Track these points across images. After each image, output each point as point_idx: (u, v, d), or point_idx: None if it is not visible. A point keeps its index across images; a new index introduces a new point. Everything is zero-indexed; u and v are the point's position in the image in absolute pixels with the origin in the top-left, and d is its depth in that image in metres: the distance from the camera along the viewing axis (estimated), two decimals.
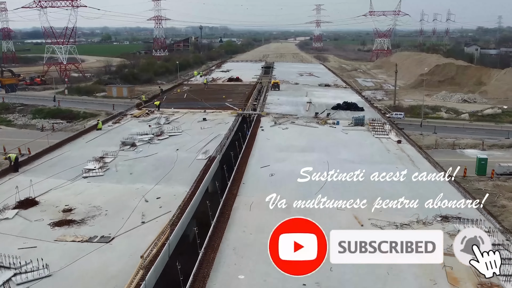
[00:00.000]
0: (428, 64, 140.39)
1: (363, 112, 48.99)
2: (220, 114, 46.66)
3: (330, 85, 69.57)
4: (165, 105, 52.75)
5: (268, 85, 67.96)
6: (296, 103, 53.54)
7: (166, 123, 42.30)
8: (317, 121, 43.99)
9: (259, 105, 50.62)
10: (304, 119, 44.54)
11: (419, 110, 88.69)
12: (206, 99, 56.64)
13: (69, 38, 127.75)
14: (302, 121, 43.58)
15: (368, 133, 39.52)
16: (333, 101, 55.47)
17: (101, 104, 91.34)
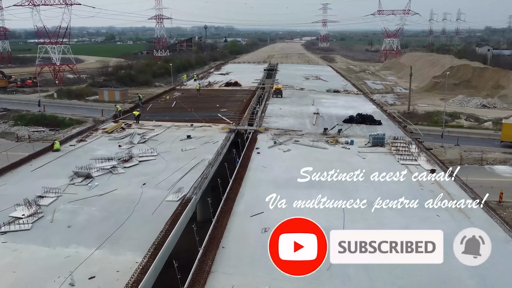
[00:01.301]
0: (441, 65, 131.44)
1: (381, 127, 40.55)
2: (210, 130, 38.33)
3: (340, 91, 61.03)
4: (148, 116, 44.55)
5: (269, 91, 59.61)
6: (301, 114, 45.13)
7: (141, 142, 34.07)
8: (327, 139, 35.56)
9: (257, 118, 42.23)
10: (311, 137, 36.14)
11: (437, 117, 80.00)
12: (197, 108, 48.39)
13: (62, 37, 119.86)
14: (308, 140, 35.17)
15: (391, 157, 31.04)
16: (344, 111, 47.03)
17: (90, 109, 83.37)
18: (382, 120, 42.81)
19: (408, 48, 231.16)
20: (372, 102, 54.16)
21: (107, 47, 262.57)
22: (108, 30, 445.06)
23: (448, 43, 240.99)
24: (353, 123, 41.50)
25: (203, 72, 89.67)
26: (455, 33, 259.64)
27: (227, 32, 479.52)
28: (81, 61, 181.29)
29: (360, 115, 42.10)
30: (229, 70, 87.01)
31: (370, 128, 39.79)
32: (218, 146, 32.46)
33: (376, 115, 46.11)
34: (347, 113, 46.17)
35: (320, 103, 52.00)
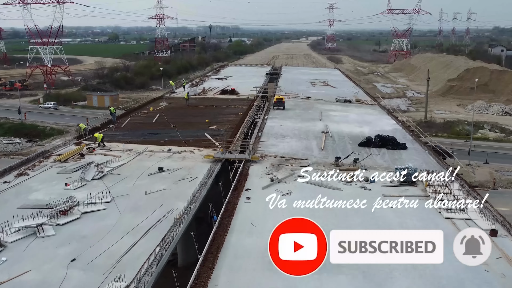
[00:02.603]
0: (456, 68, 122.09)
1: (407, 153, 31.91)
2: (190, 158, 29.83)
3: (351, 101, 52.28)
4: (120, 135, 36.18)
5: (270, 100, 51.04)
6: (306, 134, 36.50)
7: (96, 178, 25.66)
8: (339, 172, 26.98)
9: (252, 141, 33.62)
10: (319, 168, 27.55)
11: (458, 127, 71.04)
12: (182, 124, 39.98)
13: (55, 38, 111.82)
14: (316, 173, 26.61)
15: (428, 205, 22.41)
16: (358, 128, 38.40)
17: (76, 116, 75.12)
18: (406, 142, 34.11)
19: (416, 49, 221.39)
20: (390, 115, 45.40)
21: (110, 47, 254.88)
22: (113, 30, 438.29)
23: (459, 43, 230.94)
24: (371, 147, 32.88)
25: (201, 76, 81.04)
26: (465, 33, 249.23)
27: (233, 32, 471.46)
28: (80, 61, 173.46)
29: (380, 137, 33.38)
30: (228, 74, 78.36)
31: (393, 155, 31.17)
32: (196, 187, 23.99)
33: (398, 134, 37.42)
34: (362, 131, 37.55)
35: (329, 117, 43.34)
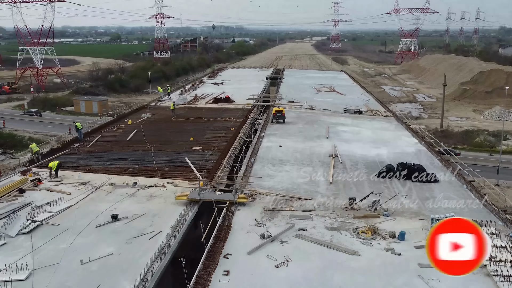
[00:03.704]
0: (469, 70, 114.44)
1: (440, 187, 24.69)
2: (160, 196, 22.71)
3: (362, 111, 45.06)
4: (83, 158, 29.21)
5: (269, 111, 43.93)
6: (310, 158, 29.33)
7: (23, 232, 18.63)
8: (355, 221, 19.90)
9: (241, 172, 26.49)
10: (327, 215, 20.45)
11: (478, 137, 63.62)
12: (161, 143, 32.96)
13: (46, 38, 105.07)
14: (323, 223, 19.52)
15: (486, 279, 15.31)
16: (374, 150, 31.23)
17: (59, 124, 68.38)
18: (436, 171, 26.90)
19: (423, 49, 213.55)
20: (410, 130, 38.09)
21: (111, 47, 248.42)
22: (117, 30, 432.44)
23: (467, 43, 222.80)
24: (392, 177, 25.70)
25: (194, 81, 73.85)
26: (473, 33, 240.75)
27: (237, 32, 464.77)
28: (77, 62, 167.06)
29: (404, 165, 26.10)
30: (225, 78, 71.17)
31: (422, 191, 23.95)
32: (155, 250, 16.91)
33: (422, 157, 30.25)
34: (379, 154, 30.36)
35: (337, 133, 36.12)
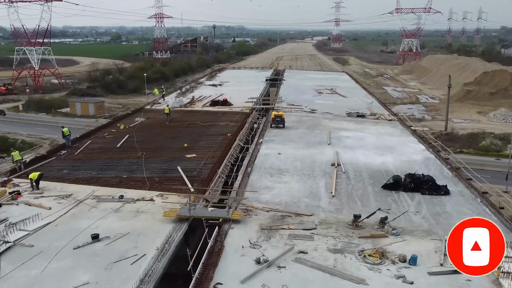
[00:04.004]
0: (472, 70, 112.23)
1: (451, 200, 22.72)
2: (147, 211, 20.74)
3: (365, 115, 43.07)
4: (69, 167, 27.31)
5: (268, 114, 42.00)
6: (311, 167, 27.36)
7: None
8: (358, 237, 17.99)
9: (237, 184, 24.53)
10: (330, 233, 18.53)
11: (484, 140, 61.50)
12: (153, 150, 31.05)
13: (43, 38, 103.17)
14: (325, 245, 17.57)
15: None
16: (379, 158, 29.25)
17: (55, 127, 66.33)
18: (446, 181, 24.98)
19: (425, 49, 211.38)
20: (416, 136, 36.07)
21: (111, 47, 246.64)
22: (118, 30, 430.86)
23: (469, 43, 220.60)
24: (399, 190, 23.76)
25: (192, 82, 71.83)
26: (475, 33, 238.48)
27: (238, 32, 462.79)
28: (76, 63, 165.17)
29: (412, 176, 24.13)
30: (224, 79, 69.22)
31: (432, 205, 22.00)
32: (139, 276, 14.98)
33: (431, 165, 28.29)
34: (384, 163, 28.39)
35: (340, 139, 34.14)
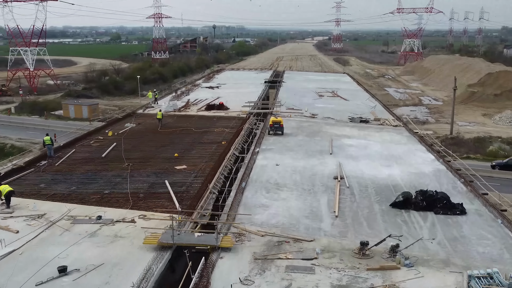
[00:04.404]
0: (475, 71, 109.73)
1: (468, 221, 20.24)
2: (126, 236, 18.22)
3: (369, 121, 40.59)
4: (47, 180, 24.85)
5: (266, 120, 39.55)
6: (311, 181, 24.87)
7: None
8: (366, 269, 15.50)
9: (232, 196, 22.10)
10: (333, 266, 16.03)
11: (491, 144, 59.03)
12: (141, 159, 28.61)
13: (38, 38, 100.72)
14: (328, 280, 15.08)
15: None
16: (386, 170, 26.74)
17: (46, 130, 63.84)
18: (461, 197, 22.53)
19: (426, 49, 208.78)
20: (424, 144, 33.54)
21: (110, 47, 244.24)
22: (118, 30, 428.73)
23: (471, 43, 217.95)
24: (409, 209, 21.29)
25: (188, 84, 69.34)
26: (477, 33, 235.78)
27: (238, 32, 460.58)
28: (74, 63, 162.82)
29: (424, 194, 21.65)
30: (222, 81, 66.75)
31: (447, 227, 19.54)
32: None
33: (443, 178, 25.82)
34: (391, 175, 25.90)
35: (343, 148, 31.65)
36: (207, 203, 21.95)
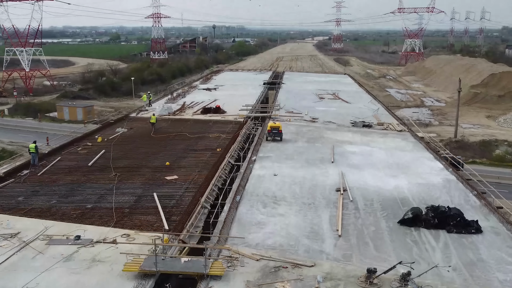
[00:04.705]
0: (478, 72, 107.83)
1: (485, 241, 18.29)
2: (105, 260, 16.26)
3: (372, 125, 38.65)
4: (26, 193, 22.92)
5: (265, 123, 37.65)
6: (312, 194, 22.94)
7: None
8: None
9: (225, 210, 20.18)
10: None
11: (497, 148, 57.17)
12: (130, 169, 26.70)
13: (34, 38, 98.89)
14: None
15: None
16: (392, 181, 24.78)
17: (39, 133, 62.05)
18: (473, 211, 20.64)
19: (427, 49, 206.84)
20: (431, 151, 31.57)
21: (109, 47, 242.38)
22: (118, 30, 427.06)
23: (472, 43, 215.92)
24: (420, 226, 19.36)
25: (185, 86, 67.41)
26: (478, 33, 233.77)
27: (238, 32, 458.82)
28: (72, 63, 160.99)
29: (435, 210, 19.72)
30: (220, 83, 64.84)
31: (462, 248, 17.61)
32: None
33: (453, 190, 23.89)
34: (398, 187, 23.97)
35: (345, 155, 29.71)
36: (198, 219, 20.04)
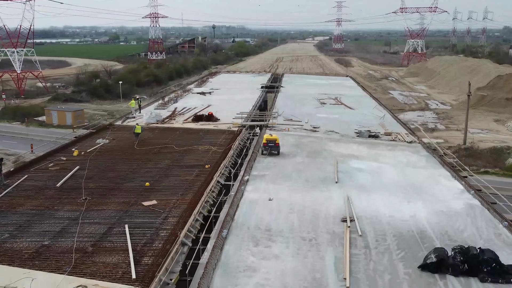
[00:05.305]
0: (484, 74, 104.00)
1: None
2: None
3: (379, 136, 34.98)
4: None
5: (261, 134, 34.01)
6: (313, 226, 19.25)
7: None
8: None
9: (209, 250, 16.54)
10: None
11: (509, 156, 53.51)
12: (105, 190, 23.02)
13: (26, 39, 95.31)
14: None
15: None
16: (406, 209, 21.06)
17: (25, 140, 58.51)
18: (507, 250, 16.99)
19: (429, 50, 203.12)
20: (448, 168, 27.81)
21: (108, 47, 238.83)
22: (118, 30, 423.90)
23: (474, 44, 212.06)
24: (446, 273, 15.69)
25: (179, 89, 63.74)
26: (481, 33, 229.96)
27: (238, 32, 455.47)
28: (68, 64, 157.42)
29: (465, 254, 16.00)
30: (215, 86, 61.18)
31: None
32: None
33: (477, 217, 20.24)
34: (415, 215, 20.27)
35: (350, 173, 25.99)
36: (176, 261, 16.41)
